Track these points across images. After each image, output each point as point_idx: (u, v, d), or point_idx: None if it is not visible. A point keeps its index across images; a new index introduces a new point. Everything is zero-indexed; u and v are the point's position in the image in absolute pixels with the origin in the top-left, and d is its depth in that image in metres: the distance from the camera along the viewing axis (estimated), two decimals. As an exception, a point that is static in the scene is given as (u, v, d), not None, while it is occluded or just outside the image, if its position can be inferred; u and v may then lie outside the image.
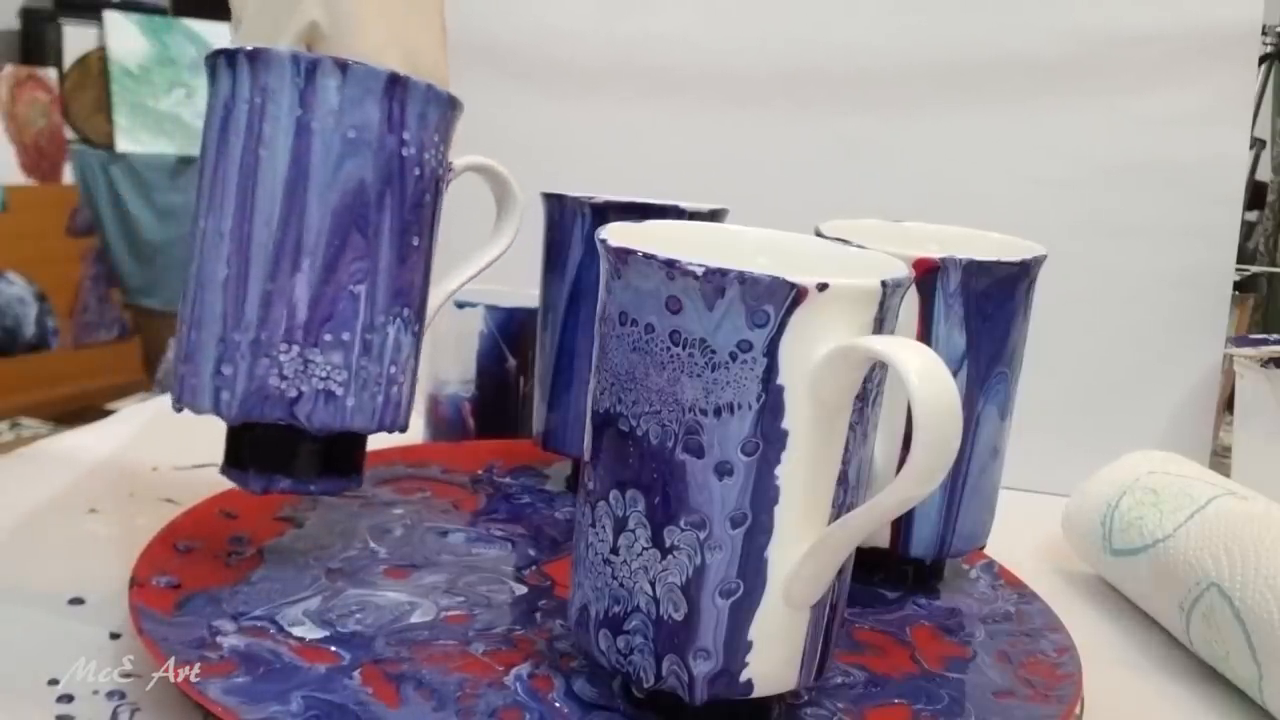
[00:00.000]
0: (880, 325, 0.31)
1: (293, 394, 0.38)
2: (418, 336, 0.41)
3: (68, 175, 2.29)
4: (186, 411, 0.40)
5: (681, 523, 0.30)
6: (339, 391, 0.38)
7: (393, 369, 0.40)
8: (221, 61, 0.38)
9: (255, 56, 0.37)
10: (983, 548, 0.47)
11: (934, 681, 0.39)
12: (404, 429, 0.42)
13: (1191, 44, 0.67)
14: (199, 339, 0.38)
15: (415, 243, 0.40)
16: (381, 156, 0.38)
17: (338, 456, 0.41)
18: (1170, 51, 0.67)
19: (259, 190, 0.37)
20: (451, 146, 0.42)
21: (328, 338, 0.38)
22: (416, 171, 0.39)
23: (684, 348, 0.30)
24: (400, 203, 0.39)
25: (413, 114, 0.38)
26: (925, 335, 0.41)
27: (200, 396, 0.39)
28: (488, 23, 0.75)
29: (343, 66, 0.37)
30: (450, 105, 0.40)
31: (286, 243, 0.37)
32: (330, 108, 0.37)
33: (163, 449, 0.60)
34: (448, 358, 0.61)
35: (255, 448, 0.40)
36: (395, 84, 0.38)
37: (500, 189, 0.44)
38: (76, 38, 2.41)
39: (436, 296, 0.43)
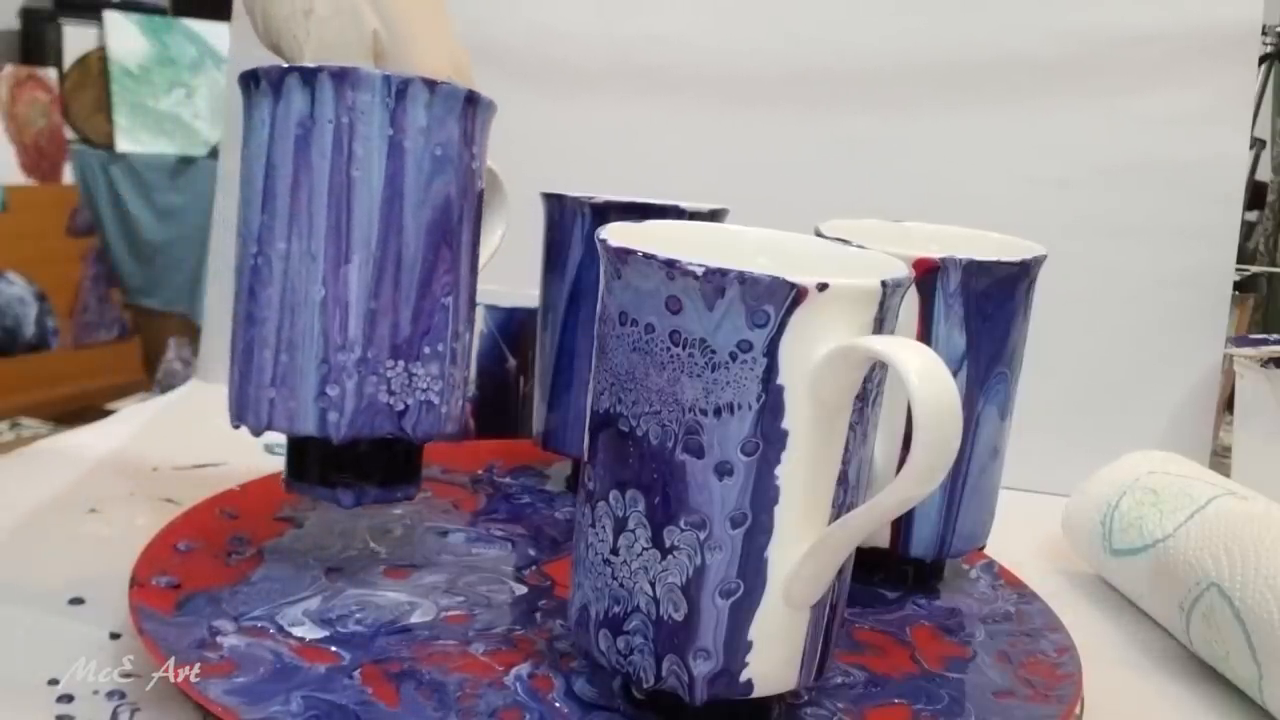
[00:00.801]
0: (880, 325, 0.31)
1: (400, 408, 0.39)
2: (473, 336, 0.43)
3: (68, 175, 2.29)
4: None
5: (681, 523, 0.30)
6: (436, 400, 0.40)
7: (467, 372, 0.42)
8: (294, 79, 0.37)
9: (342, 76, 0.37)
10: (983, 548, 0.47)
11: (934, 681, 0.39)
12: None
13: (1191, 44, 0.67)
14: (293, 362, 0.38)
15: (478, 250, 0.42)
16: (460, 171, 0.39)
17: (411, 461, 0.42)
18: (1170, 51, 0.67)
19: (355, 210, 0.37)
20: None
21: (427, 350, 0.39)
22: (480, 183, 0.41)
23: (684, 348, 0.30)
24: (473, 214, 0.40)
25: (479, 128, 0.40)
26: (925, 335, 0.41)
27: (301, 420, 0.38)
28: (487, 23, 0.75)
29: (431, 86, 0.38)
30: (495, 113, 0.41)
31: (387, 261, 0.38)
32: (420, 126, 0.38)
33: (163, 449, 0.60)
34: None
35: (345, 463, 0.40)
36: (471, 101, 0.39)
37: (490, 185, 0.44)
38: (76, 38, 2.41)
39: None
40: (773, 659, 0.32)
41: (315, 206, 0.37)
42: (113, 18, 2.43)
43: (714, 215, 0.51)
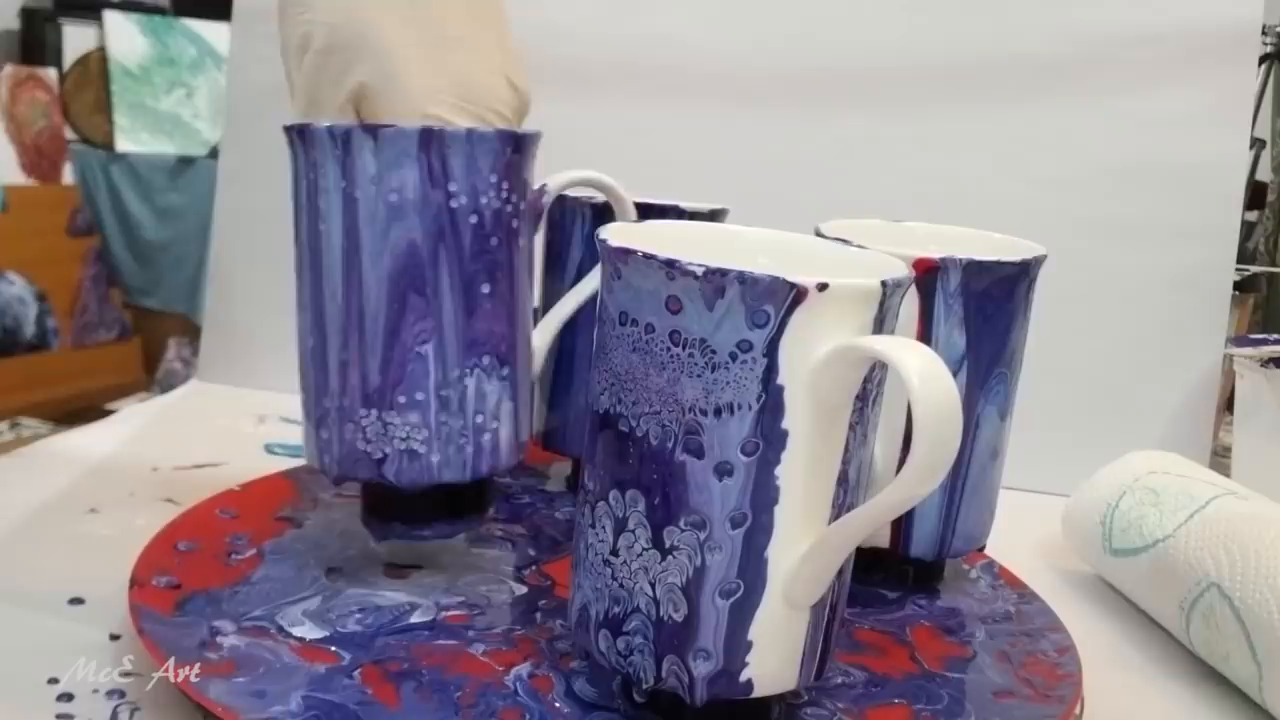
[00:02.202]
0: (880, 325, 0.31)
1: (378, 455, 0.39)
2: (510, 378, 0.41)
3: (68, 175, 2.29)
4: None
5: (681, 523, 0.30)
6: (421, 450, 0.39)
7: (479, 418, 0.40)
8: (292, 135, 0.39)
9: (302, 133, 0.38)
10: (982, 548, 0.47)
11: (934, 681, 0.39)
12: (520, 461, 0.42)
13: (1191, 44, 0.67)
14: (305, 403, 0.41)
15: (486, 290, 0.39)
16: (428, 214, 0.38)
17: (468, 498, 0.42)
18: (1170, 51, 0.67)
19: (324, 263, 0.39)
20: (533, 170, 0.41)
21: (402, 399, 0.39)
22: (474, 219, 0.39)
23: (684, 348, 0.30)
24: (458, 255, 0.39)
25: (456, 164, 0.38)
26: (925, 335, 0.41)
27: (312, 456, 0.41)
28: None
29: (373, 132, 0.37)
30: (506, 140, 0.39)
31: (350, 312, 0.38)
32: (369, 175, 0.37)
33: (163, 449, 0.60)
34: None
35: (390, 503, 0.42)
36: (429, 139, 0.37)
37: (609, 197, 0.44)
38: (76, 38, 2.41)
39: (549, 324, 0.44)
40: (773, 659, 0.32)
41: (303, 259, 0.39)
42: (113, 18, 2.43)
43: (713, 215, 0.51)
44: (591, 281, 0.44)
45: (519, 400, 0.41)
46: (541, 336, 0.44)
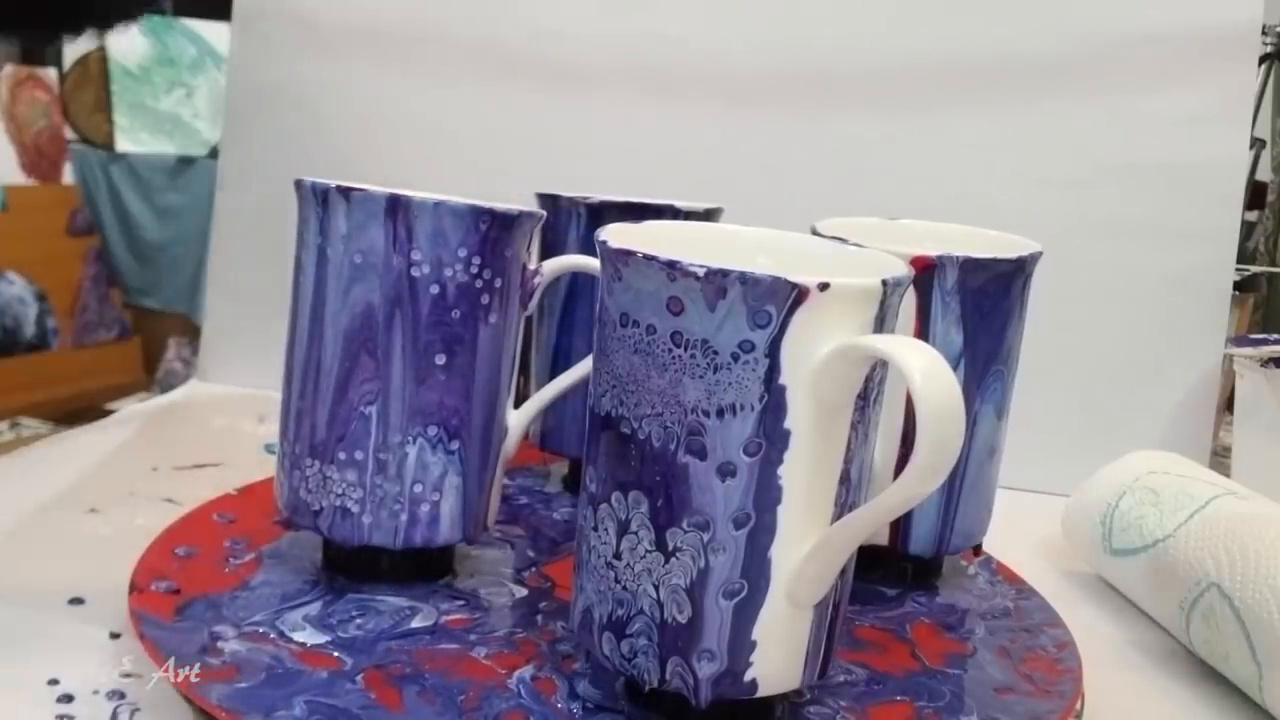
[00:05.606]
0: (881, 324, 0.31)
1: (316, 507, 0.40)
2: (460, 453, 0.40)
3: (68, 175, 2.29)
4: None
5: (684, 524, 0.30)
6: (354, 509, 0.40)
7: (417, 488, 0.40)
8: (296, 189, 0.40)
9: (297, 187, 0.39)
10: (980, 545, 0.47)
11: (935, 678, 0.39)
12: (469, 540, 0.42)
13: (1191, 44, 0.67)
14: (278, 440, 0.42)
15: (440, 360, 0.39)
16: (389, 278, 0.38)
17: (421, 564, 0.42)
18: (1170, 51, 0.67)
19: (299, 313, 0.40)
20: (524, 253, 0.41)
21: (342, 456, 0.39)
22: (434, 290, 0.38)
23: (686, 349, 0.30)
24: (414, 322, 0.39)
25: (422, 233, 0.38)
26: (923, 333, 0.41)
27: (275, 490, 0.42)
28: (488, 23, 0.74)
29: (346, 194, 0.38)
30: (480, 215, 0.38)
31: (310, 363, 0.40)
32: (341, 234, 0.38)
33: (163, 449, 0.60)
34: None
35: (338, 558, 0.42)
36: (396, 206, 0.38)
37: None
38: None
39: (530, 407, 0.43)
40: (776, 659, 0.32)
41: (291, 306, 0.41)
42: (112, 18, 2.42)
43: (709, 214, 0.51)
44: (580, 369, 0.43)
45: (470, 477, 0.41)
46: (520, 417, 0.43)
